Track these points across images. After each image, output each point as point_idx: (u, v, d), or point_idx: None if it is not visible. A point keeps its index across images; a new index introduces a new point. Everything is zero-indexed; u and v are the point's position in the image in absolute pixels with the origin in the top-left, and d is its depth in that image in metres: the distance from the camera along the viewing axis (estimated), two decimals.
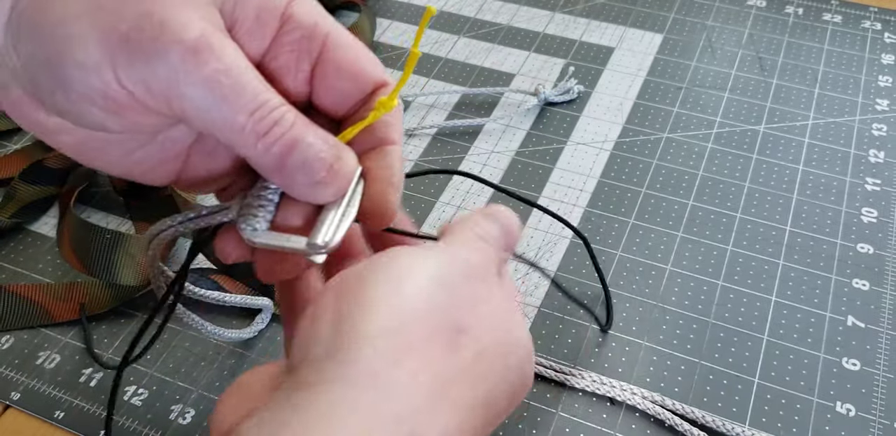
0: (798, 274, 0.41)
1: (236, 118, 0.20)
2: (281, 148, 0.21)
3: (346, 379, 0.18)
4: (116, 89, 0.20)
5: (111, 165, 0.23)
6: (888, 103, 0.50)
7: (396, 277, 0.20)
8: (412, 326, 0.19)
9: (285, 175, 0.21)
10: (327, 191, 0.22)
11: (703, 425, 0.35)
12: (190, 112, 0.20)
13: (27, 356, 0.38)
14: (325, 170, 0.21)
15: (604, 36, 0.55)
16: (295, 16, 0.22)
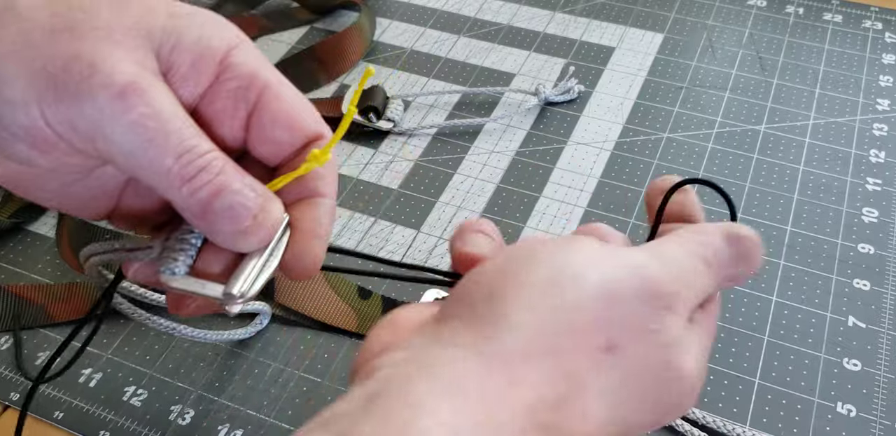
0: (799, 274, 0.41)
1: (162, 162, 0.20)
2: (206, 194, 0.20)
3: (480, 353, 0.18)
4: (42, 127, 0.20)
5: (44, 198, 0.23)
6: (889, 103, 0.49)
7: (569, 274, 0.20)
8: (560, 329, 0.19)
9: (209, 222, 0.21)
10: (250, 240, 0.21)
11: (704, 425, 0.35)
12: (116, 155, 0.20)
13: (26, 356, 0.38)
14: (249, 219, 0.21)
15: (604, 36, 0.55)
16: (233, 65, 0.22)
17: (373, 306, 0.39)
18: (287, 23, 0.57)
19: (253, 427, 0.35)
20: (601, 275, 0.20)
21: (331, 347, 0.38)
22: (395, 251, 0.42)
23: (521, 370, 0.18)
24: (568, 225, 0.43)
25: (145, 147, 0.20)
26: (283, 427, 0.35)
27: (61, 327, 0.39)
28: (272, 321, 0.39)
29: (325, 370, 0.37)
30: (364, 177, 0.46)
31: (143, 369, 0.38)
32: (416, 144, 0.48)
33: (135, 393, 0.37)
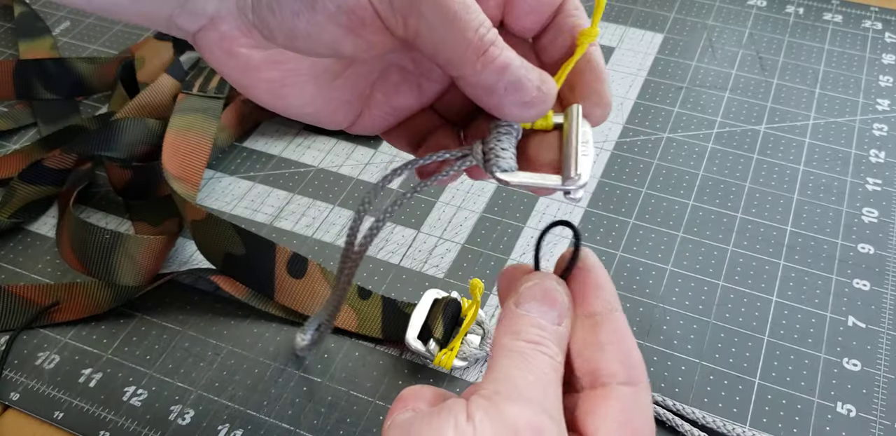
0: (799, 274, 0.41)
1: (464, 36, 0.21)
2: (497, 67, 0.21)
3: None
4: (365, 6, 0.20)
5: (302, 104, 0.24)
6: (889, 103, 0.49)
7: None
8: None
9: (498, 95, 0.22)
10: (535, 111, 0.22)
11: (704, 425, 0.35)
12: (423, 30, 0.21)
13: (26, 357, 0.38)
14: (535, 90, 0.22)
15: (604, 35, 0.55)
16: None
17: (373, 306, 0.39)
18: None
19: (253, 427, 0.35)
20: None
21: (331, 347, 0.38)
22: (395, 251, 0.42)
23: None
24: None
25: (451, 21, 0.20)
26: (283, 427, 0.35)
27: (61, 326, 0.39)
28: (273, 322, 0.39)
29: (325, 370, 0.37)
30: (364, 177, 0.46)
31: (143, 369, 0.38)
32: None
33: (135, 393, 0.37)
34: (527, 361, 0.22)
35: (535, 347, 0.22)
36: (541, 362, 0.22)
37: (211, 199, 0.45)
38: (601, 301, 0.23)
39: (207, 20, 0.22)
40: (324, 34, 0.21)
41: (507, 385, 0.21)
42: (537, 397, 0.21)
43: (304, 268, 0.39)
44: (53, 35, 0.56)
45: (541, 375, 0.22)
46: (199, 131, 0.45)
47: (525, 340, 0.22)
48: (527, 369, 0.22)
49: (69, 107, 0.51)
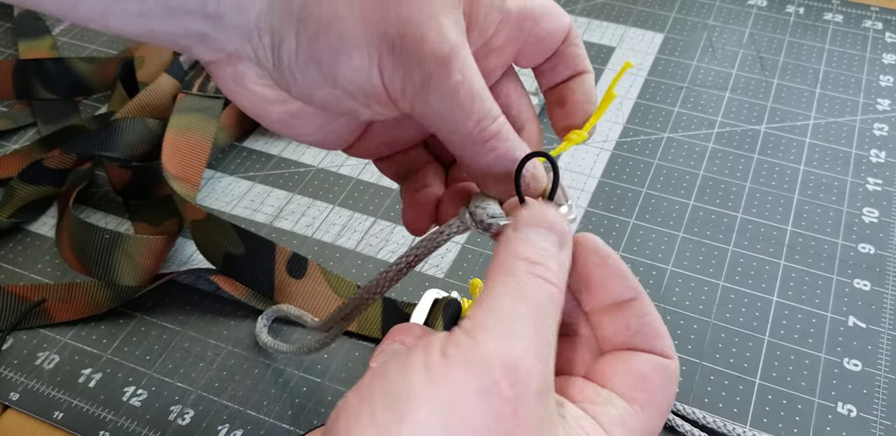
0: (799, 274, 0.41)
1: (465, 125, 0.22)
2: (493, 158, 0.23)
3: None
4: (379, 88, 0.21)
5: (305, 135, 0.25)
6: (889, 103, 0.49)
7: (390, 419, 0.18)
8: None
9: (488, 182, 0.24)
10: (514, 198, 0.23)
11: (704, 425, 0.35)
12: (428, 115, 0.22)
13: (26, 357, 0.38)
14: (523, 186, 0.23)
15: (604, 35, 0.55)
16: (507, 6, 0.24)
17: (373, 306, 0.39)
18: None
19: (253, 427, 0.35)
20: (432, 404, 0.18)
21: (331, 347, 0.38)
22: (395, 251, 0.42)
23: None
24: None
25: (455, 111, 0.21)
26: (283, 427, 0.35)
27: (61, 326, 0.39)
28: (273, 322, 0.39)
29: (325, 370, 0.37)
30: (364, 177, 0.46)
31: (142, 369, 0.38)
32: None
33: (134, 393, 0.37)
34: (521, 287, 0.20)
35: (533, 268, 0.21)
36: (537, 290, 0.20)
37: (211, 199, 0.45)
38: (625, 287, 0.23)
39: (225, 56, 0.22)
40: (340, 104, 0.22)
41: (494, 317, 0.19)
42: (525, 333, 0.19)
43: (303, 268, 0.39)
44: (53, 35, 0.56)
45: (535, 306, 0.20)
46: (198, 131, 0.45)
47: (523, 258, 0.21)
48: (520, 298, 0.20)
49: (69, 107, 0.51)
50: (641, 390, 0.21)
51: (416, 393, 0.18)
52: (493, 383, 0.18)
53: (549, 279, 0.21)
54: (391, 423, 0.18)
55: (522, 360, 0.19)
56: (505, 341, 0.19)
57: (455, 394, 0.18)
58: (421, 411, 0.18)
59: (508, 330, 0.19)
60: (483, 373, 0.18)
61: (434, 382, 0.18)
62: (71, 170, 0.45)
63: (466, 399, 0.18)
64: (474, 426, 0.18)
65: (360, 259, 0.42)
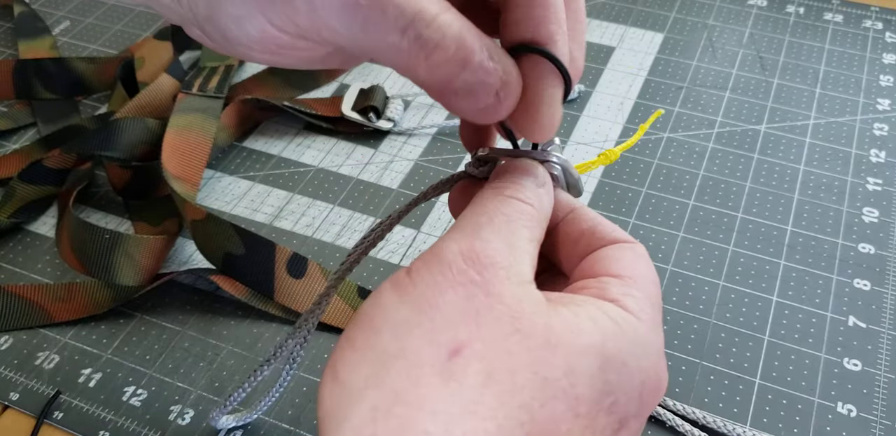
0: (799, 274, 0.41)
1: (386, 40, 0.18)
2: (444, 73, 0.18)
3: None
4: (273, 34, 0.19)
5: (303, 64, 0.22)
6: (889, 103, 0.49)
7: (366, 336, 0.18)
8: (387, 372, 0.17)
9: (449, 101, 0.20)
10: (493, 118, 0.20)
11: (704, 425, 0.35)
12: (343, 41, 0.19)
13: (26, 357, 0.38)
14: (491, 97, 0.19)
15: (604, 35, 0.55)
16: None
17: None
18: None
19: (253, 427, 0.35)
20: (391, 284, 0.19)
21: (331, 347, 0.38)
22: (395, 251, 0.42)
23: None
24: None
25: (366, 28, 0.18)
26: (283, 427, 0.35)
27: (61, 326, 0.39)
28: (273, 321, 0.39)
29: None
30: (364, 177, 0.46)
31: (142, 369, 0.38)
32: (415, 144, 0.48)
33: (134, 393, 0.37)
34: (484, 204, 0.20)
35: (500, 190, 0.20)
36: (501, 204, 0.20)
37: (211, 198, 0.45)
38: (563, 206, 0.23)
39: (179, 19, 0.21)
40: (253, 58, 0.21)
41: (454, 230, 0.19)
42: (487, 235, 0.19)
43: (303, 268, 0.39)
44: (53, 35, 0.56)
45: (500, 216, 0.20)
46: (198, 131, 0.45)
47: (492, 186, 0.21)
48: (480, 212, 0.20)
49: (69, 107, 0.51)
50: (623, 268, 0.21)
51: (387, 307, 0.18)
52: (458, 272, 0.18)
53: (518, 197, 0.21)
54: (369, 337, 0.18)
55: (484, 250, 0.18)
56: (465, 241, 0.19)
57: (424, 294, 0.18)
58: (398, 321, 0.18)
59: (469, 234, 0.19)
60: (447, 268, 0.18)
61: (404, 292, 0.18)
62: (71, 170, 0.45)
63: (436, 294, 0.18)
64: (449, 316, 0.18)
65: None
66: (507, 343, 0.17)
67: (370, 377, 0.17)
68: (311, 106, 0.49)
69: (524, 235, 0.20)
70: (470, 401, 0.17)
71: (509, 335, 0.17)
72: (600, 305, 0.19)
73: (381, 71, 0.53)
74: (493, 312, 0.18)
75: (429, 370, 0.17)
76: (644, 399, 0.19)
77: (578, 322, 0.18)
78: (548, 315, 0.18)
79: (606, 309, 0.19)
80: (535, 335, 0.18)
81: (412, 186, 0.45)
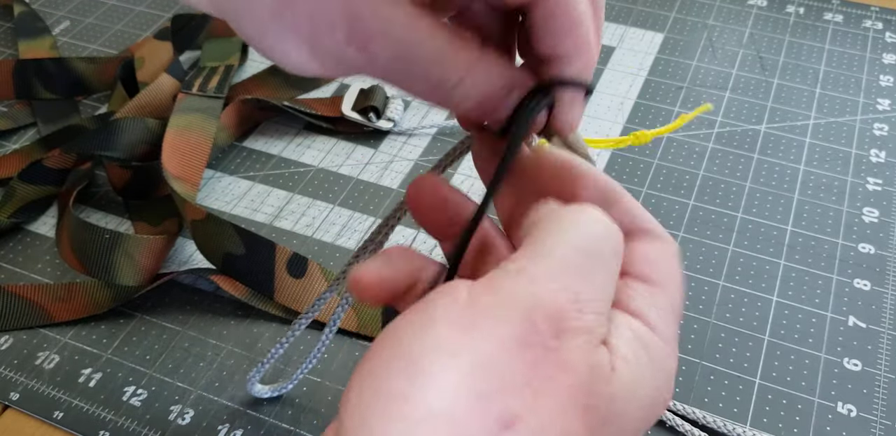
0: (799, 274, 0.41)
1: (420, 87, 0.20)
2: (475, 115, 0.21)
3: None
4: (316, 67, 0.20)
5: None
6: (889, 103, 0.49)
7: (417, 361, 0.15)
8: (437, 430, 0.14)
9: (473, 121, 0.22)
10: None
11: (704, 425, 0.35)
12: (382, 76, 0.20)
13: (26, 357, 0.38)
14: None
15: (604, 35, 0.55)
16: None
17: None
18: None
19: (253, 427, 0.35)
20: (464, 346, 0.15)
21: (331, 347, 0.38)
22: None
23: None
24: None
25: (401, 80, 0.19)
26: (283, 427, 0.35)
27: (61, 326, 0.39)
28: (273, 321, 0.39)
29: (325, 370, 0.37)
30: (364, 177, 0.46)
31: (142, 368, 0.38)
32: (415, 144, 0.48)
33: (134, 393, 0.37)
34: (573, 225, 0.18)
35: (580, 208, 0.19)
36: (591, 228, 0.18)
37: (211, 198, 0.45)
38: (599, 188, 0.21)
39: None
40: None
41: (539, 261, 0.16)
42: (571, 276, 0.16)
43: (304, 268, 0.39)
44: (53, 35, 0.56)
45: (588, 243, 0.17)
46: (198, 131, 0.45)
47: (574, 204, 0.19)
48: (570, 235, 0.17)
49: (69, 107, 0.51)
50: (653, 270, 0.20)
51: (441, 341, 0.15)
52: (531, 333, 0.15)
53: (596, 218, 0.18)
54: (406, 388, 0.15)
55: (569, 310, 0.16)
56: (548, 288, 0.16)
57: (486, 344, 0.15)
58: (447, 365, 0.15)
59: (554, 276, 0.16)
60: (520, 322, 0.15)
61: (461, 331, 0.15)
62: (71, 170, 0.45)
63: (499, 351, 0.15)
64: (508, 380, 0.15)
65: None
66: (566, 418, 0.15)
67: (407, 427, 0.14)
68: (311, 106, 0.49)
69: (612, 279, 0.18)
70: None
71: (570, 410, 0.16)
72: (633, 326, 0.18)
73: None
74: (557, 382, 0.15)
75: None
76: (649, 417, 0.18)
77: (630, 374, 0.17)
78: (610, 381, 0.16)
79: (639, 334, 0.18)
80: (599, 409, 0.16)
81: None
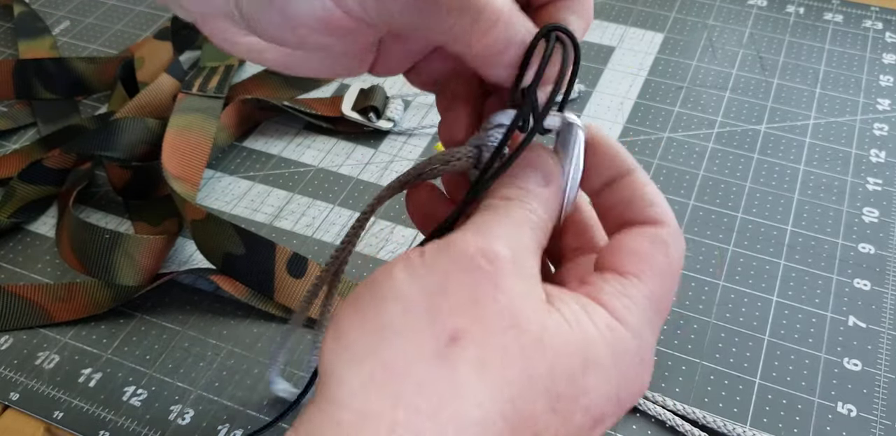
0: (799, 274, 0.41)
1: (445, 23, 0.20)
2: (497, 48, 0.21)
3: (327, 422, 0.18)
4: (339, 15, 0.20)
5: (314, 70, 0.24)
6: (889, 103, 0.49)
7: (369, 296, 0.19)
8: (388, 344, 0.18)
9: (490, 68, 0.22)
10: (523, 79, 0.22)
11: (704, 425, 0.35)
12: (402, 23, 0.20)
13: (26, 357, 0.38)
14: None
15: (604, 35, 0.55)
16: None
17: None
18: None
19: (253, 427, 0.35)
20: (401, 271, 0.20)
21: None
22: (395, 251, 0.42)
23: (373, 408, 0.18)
24: None
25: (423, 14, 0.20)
26: (283, 427, 0.35)
27: (61, 326, 0.39)
28: (273, 320, 0.39)
29: None
30: (364, 177, 0.46)
31: (142, 368, 0.38)
32: (415, 144, 0.48)
33: (134, 393, 0.37)
34: (496, 211, 0.21)
35: (509, 202, 0.21)
36: (515, 212, 0.21)
37: (211, 198, 0.45)
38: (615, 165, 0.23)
39: (200, 17, 0.22)
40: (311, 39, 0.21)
41: (465, 226, 0.20)
42: (498, 231, 0.20)
43: (304, 268, 0.39)
44: (53, 35, 0.56)
45: (510, 220, 0.21)
46: (198, 131, 0.45)
47: (499, 197, 0.22)
48: (493, 216, 0.21)
49: (69, 107, 0.51)
50: (631, 262, 0.21)
51: (398, 281, 0.19)
52: (470, 260, 0.19)
53: (528, 209, 0.21)
54: (377, 305, 0.19)
55: (496, 245, 0.19)
56: (478, 236, 0.20)
57: (435, 277, 0.19)
58: (407, 298, 0.19)
59: (481, 229, 0.20)
60: (460, 255, 0.19)
61: (416, 272, 0.19)
62: (71, 170, 0.45)
63: (446, 279, 0.19)
64: (454, 302, 0.19)
65: (360, 259, 0.42)
66: (504, 337, 0.18)
67: (370, 346, 0.18)
68: (311, 106, 0.49)
69: (533, 239, 0.21)
70: (461, 385, 0.18)
71: (507, 329, 0.18)
72: (591, 309, 0.20)
73: None
74: (496, 304, 0.19)
75: (428, 352, 0.18)
76: (622, 401, 0.20)
77: (568, 326, 0.19)
78: (545, 314, 0.19)
79: (595, 316, 0.20)
80: (531, 333, 0.19)
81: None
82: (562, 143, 0.23)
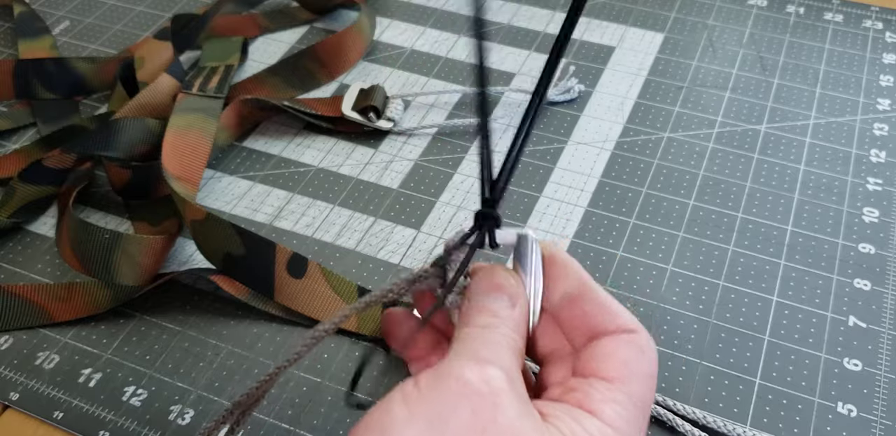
0: (799, 274, 0.41)
1: None
2: None
3: None
4: None
5: None
6: (889, 103, 0.49)
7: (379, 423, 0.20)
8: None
9: None
10: None
11: (704, 425, 0.35)
12: None
13: (26, 357, 0.38)
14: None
15: (604, 35, 0.55)
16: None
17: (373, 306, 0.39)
18: (287, 22, 0.57)
19: (253, 427, 0.35)
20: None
21: (331, 347, 0.38)
22: (395, 251, 0.42)
23: None
24: (568, 225, 0.43)
25: None
26: (282, 427, 0.35)
27: (61, 326, 0.39)
28: (273, 321, 0.39)
29: (325, 370, 0.37)
30: (364, 177, 0.46)
31: (142, 368, 0.38)
32: (415, 144, 0.48)
33: (134, 393, 0.37)
34: (476, 339, 0.23)
35: (485, 329, 0.23)
36: (493, 338, 0.23)
37: (211, 198, 0.45)
38: (571, 280, 0.24)
39: None
40: None
41: (451, 356, 0.22)
42: (486, 355, 0.21)
43: (304, 268, 0.39)
44: (53, 35, 0.56)
45: (493, 345, 0.22)
46: (198, 131, 0.45)
47: (477, 325, 0.23)
48: (475, 343, 0.22)
49: (69, 107, 0.51)
50: (615, 368, 0.22)
51: (397, 419, 0.20)
52: (466, 384, 0.20)
53: (503, 333, 0.23)
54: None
55: (488, 368, 0.21)
56: (470, 360, 0.21)
57: (435, 408, 0.20)
58: (406, 433, 0.19)
59: (469, 356, 0.21)
60: (456, 380, 0.20)
61: (413, 405, 0.20)
62: (71, 170, 0.45)
63: (446, 408, 0.20)
64: (462, 426, 0.19)
65: (360, 259, 0.42)
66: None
67: None
68: (311, 106, 0.49)
69: (513, 358, 0.22)
70: None
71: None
72: (583, 419, 0.21)
73: (381, 71, 0.53)
74: (497, 426, 0.19)
75: None
76: None
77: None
78: (544, 431, 0.20)
79: (588, 426, 0.21)
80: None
81: (412, 186, 0.45)
82: (518, 257, 0.25)
